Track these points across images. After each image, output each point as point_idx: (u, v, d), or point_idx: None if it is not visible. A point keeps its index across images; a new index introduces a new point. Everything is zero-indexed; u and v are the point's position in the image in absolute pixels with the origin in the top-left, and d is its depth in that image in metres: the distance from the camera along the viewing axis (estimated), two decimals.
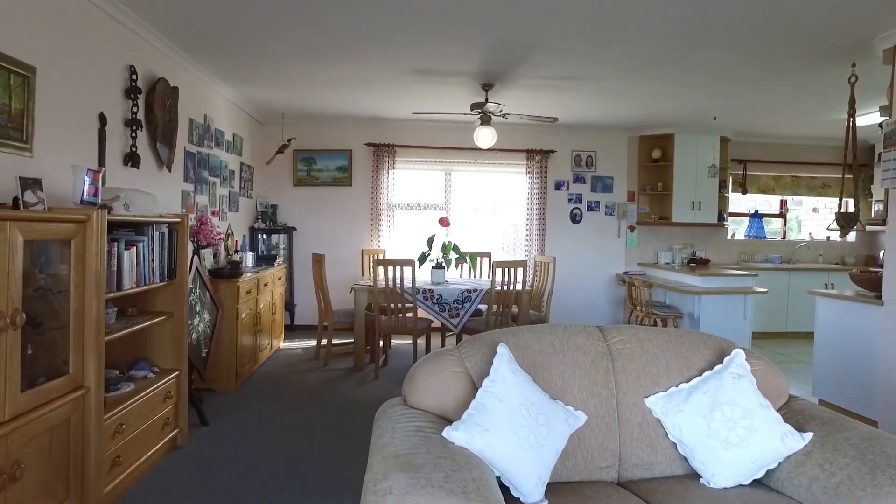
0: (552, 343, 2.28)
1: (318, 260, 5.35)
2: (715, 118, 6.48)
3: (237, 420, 3.85)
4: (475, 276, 6.42)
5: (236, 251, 5.32)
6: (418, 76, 4.90)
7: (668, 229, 7.61)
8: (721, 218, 7.47)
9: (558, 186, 7.36)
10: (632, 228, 7.54)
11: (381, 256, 6.81)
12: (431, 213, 7.23)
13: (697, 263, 7.34)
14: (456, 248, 5.60)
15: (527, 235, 7.26)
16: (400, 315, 5.03)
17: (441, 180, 7.24)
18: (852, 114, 4.39)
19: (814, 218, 8.36)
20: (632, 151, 7.52)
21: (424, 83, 5.14)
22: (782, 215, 8.24)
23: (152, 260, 2.91)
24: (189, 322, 3.57)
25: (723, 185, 7.40)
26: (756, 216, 8.00)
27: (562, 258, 7.35)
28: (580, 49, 4.14)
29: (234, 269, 4.51)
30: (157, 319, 3.01)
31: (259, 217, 6.66)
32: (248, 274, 4.77)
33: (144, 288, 2.82)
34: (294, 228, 6.93)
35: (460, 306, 5.13)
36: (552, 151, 7.23)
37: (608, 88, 5.24)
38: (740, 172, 7.70)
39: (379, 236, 6.98)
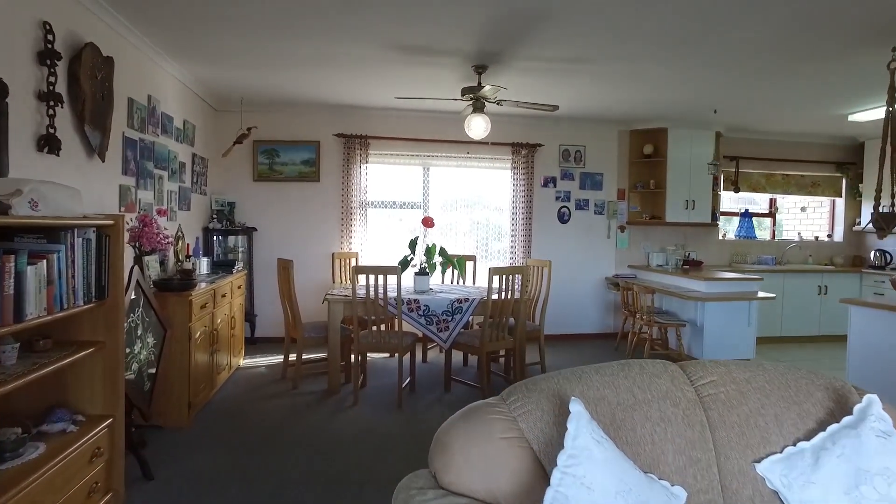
0: (631, 390, 1.70)
1: (285, 267, 4.64)
2: (715, 111, 6.05)
3: (190, 469, 3.12)
4: (462, 283, 5.81)
5: (188, 257, 4.55)
6: (401, 54, 4.25)
7: (659, 229, 7.18)
8: (714, 217, 7.09)
9: (546, 183, 6.82)
10: (622, 228, 7.08)
11: (354, 261, 6.12)
12: (409, 212, 6.58)
13: (690, 266, 6.93)
14: (443, 252, 4.97)
15: (512, 236, 6.69)
16: (382, 329, 4.37)
17: (419, 176, 6.60)
18: (893, 104, 3.97)
19: (800, 217, 8.09)
20: (622, 146, 7.05)
21: (407, 63, 4.49)
22: (771, 214, 7.94)
23: (72, 276, 2.17)
24: (128, 351, 2.82)
25: (714, 183, 7.02)
26: (746, 215, 7.66)
27: (551, 259, 6.83)
28: (593, 23, 3.57)
29: (186, 280, 3.76)
30: (82, 353, 2.28)
31: (214, 216, 5.87)
32: (203, 284, 4.02)
33: (61, 314, 2.09)
34: (254, 229, 6.15)
35: (450, 318, 4.51)
36: (539, 145, 6.69)
37: (612, 73, 4.70)
38: (732, 170, 7.33)
39: (350, 238, 6.28)
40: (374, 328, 4.38)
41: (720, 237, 7.48)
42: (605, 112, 6.38)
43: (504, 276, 4.36)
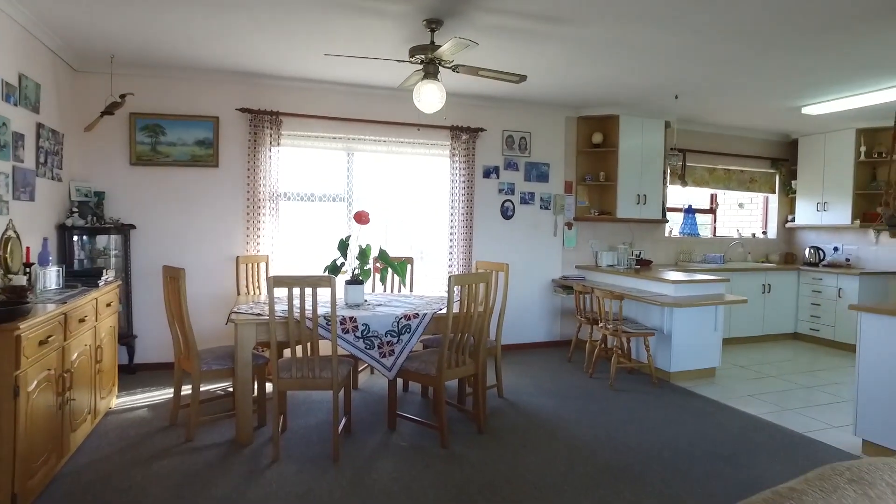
0: None
1: (174, 277, 3.45)
2: (676, 97, 5.51)
3: None
4: (400, 292, 4.85)
5: (27, 266, 3.24)
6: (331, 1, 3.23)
7: (607, 226, 6.60)
8: (664, 213, 6.62)
9: (488, 174, 6.00)
10: (569, 225, 6.42)
11: (264, 266, 4.96)
12: (330, 205, 5.50)
13: (641, 265, 6.41)
14: (383, 255, 3.99)
15: (451, 234, 5.81)
16: (311, 357, 3.32)
17: (342, 163, 5.53)
18: None
19: (739, 214, 7.88)
20: (570, 134, 6.39)
21: (339, 12, 3.46)
22: (713, 211, 7.64)
23: None
24: None
25: (663, 177, 6.55)
26: (690, 211, 7.29)
27: (492, 259, 6.02)
28: None
29: (15, 303, 2.53)
30: None
31: (75, 210, 4.48)
32: (50, 307, 2.78)
33: None
34: (132, 227, 4.82)
35: (395, 340, 3.54)
36: (481, 130, 5.85)
37: (581, 39, 3.93)
38: (679, 163, 6.91)
39: (259, 237, 5.11)
40: (302, 354, 3.32)
41: (666, 234, 7.05)
42: (553, 95, 5.67)
43: (467, 287, 3.46)
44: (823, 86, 5.10)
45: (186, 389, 3.79)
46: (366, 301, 4.00)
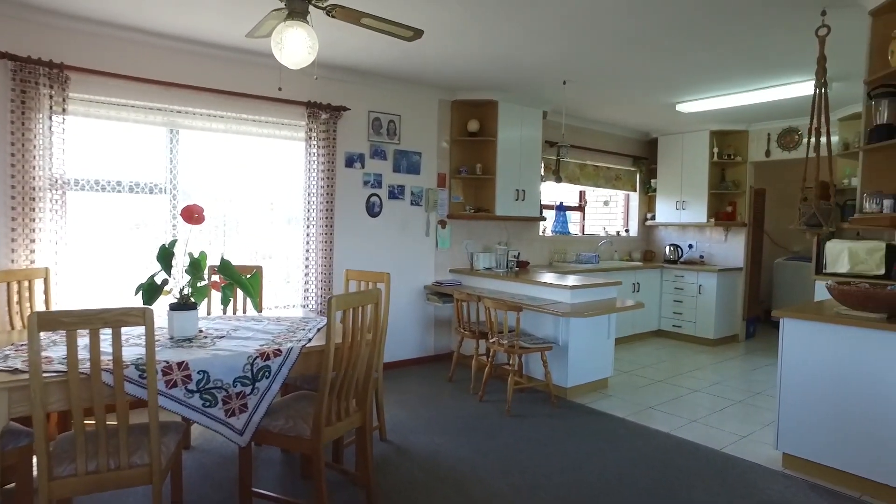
0: None
1: None
2: (565, 83, 5.02)
3: None
4: (245, 312, 3.71)
5: None
6: None
7: (481, 225, 5.99)
8: (541, 210, 6.18)
9: (351, 162, 5.02)
10: (443, 224, 5.68)
11: (42, 285, 3.48)
12: (146, 198, 4.11)
13: (520, 267, 5.90)
14: (226, 268, 2.84)
15: (307, 234, 4.74)
16: (112, 431, 2.11)
17: (163, 142, 4.18)
18: (823, 78, 3.25)
19: (606, 212, 7.79)
20: (443, 120, 5.64)
21: None
22: (581, 208, 7.44)
23: None
24: None
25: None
26: (561, 209, 6.98)
27: (357, 264, 5.07)
28: None
29: None
30: None
31: None
32: None
33: None
34: None
35: (249, 390, 2.46)
36: (344, 109, 4.84)
37: None
38: (553, 157, 6.53)
39: (31, 243, 3.59)
40: (96, 427, 2.10)
41: (540, 233, 6.64)
42: (427, 73, 4.88)
43: (351, 310, 2.49)
44: (703, 84, 4.96)
45: None
46: (201, 333, 2.83)
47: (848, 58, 4.15)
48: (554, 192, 6.89)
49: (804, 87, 4.87)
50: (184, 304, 2.73)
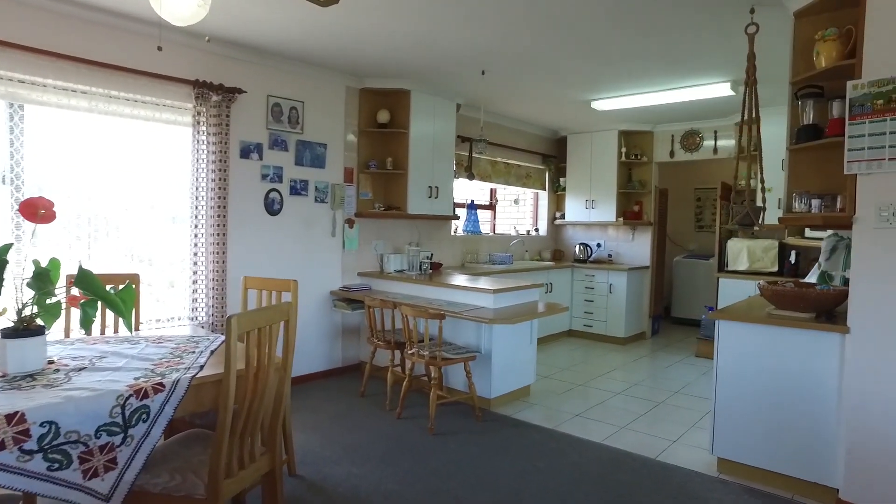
0: None
1: None
2: (484, 73, 4.71)
3: None
4: (116, 332, 3.03)
5: None
6: None
7: (393, 224, 5.56)
8: (454, 209, 5.87)
9: (247, 152, 4.40)
10: (350, 223, 5.19)
11: None
12: None
13: (433, 269, 5.56)
14: (87, 279, 2.20)
15: (194, 235, 4.07)
16: None
17: (1, 120, 3.34)
18: (753, 76, 3.16)
19: (507, 210, 7.64)
20: (351, 109, 5.15)
21: None
22: (492, 207, 7.22)
23: None
24: None
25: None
26: (472, 207, 6.72)
27: (254, 269, 4.48)
28: None
29: None
30: None
31: None
32: None
33: None
34: None
35: (119, 439, 1.88)
36: (239, 92, 4.22)
37: None
38: (465, 153, 6.24)
39: None
40: None
41: (452, 232, 6.32)
42: (334, 56, 4.40)
43: (255, 331, 1.99)
44: (620, 81, 4.88)
45: None
46: (51, 366, 2.18)
47: (762, 60, 4.19)
48: (465, 189, 6.61)
49: (716, 89, 4.93)
50: (24, 329, 2.07)
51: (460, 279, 4.87)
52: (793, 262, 5.56)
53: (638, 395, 4.67)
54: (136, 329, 2.95)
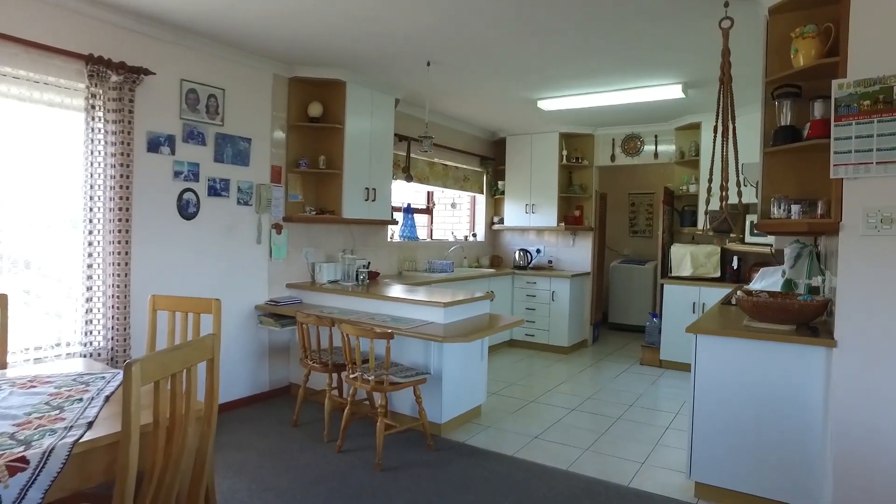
0: None
1: None
2: (429, 63, 4.30)
3: None
4: None
5: None
6: None
7: (325, 229, 5.04)
8: (392, 213, 5.42)
9: (156, 145, 3.75)
10: (278, 228, 4.62)
11: None
12: None
13: (370, 279, 5.09)
14: None
15: (87, 243, 3.38)
16: None
17: None
18: (728, 73, 2.94)
19: (441, 215, 7.27)
20: (279, 100, 4.58)
21: None
22: (429, 211, 6.82)
23: None
24: None
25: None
26: (409, 211, 6.28)
27: (165, 284, 3.85)
28: None
29: None
30: None
31: None
32: None
33: None
34: None
35: None
36: (146, 73, 3.56)
37: None
38: (402, 153, 5.80)
39: None
40: None
41: (389, 238, 5.86)
42: (261, 39, 3.85)
43: (168, 378, 1.47)
44: (569, 78, 4.63)
45: None
46: None
47: (706, 61, 4.05)
48: (402, 192, 6.18)
49: (668, 91, 4.79)
50: None
51: (402, 290, 4.43)
52: (735, 267, 5.54)
53: (593, 410, 4.42)
54: (2, 366, 2.29)
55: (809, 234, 3.20)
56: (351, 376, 3.43)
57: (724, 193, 2.91)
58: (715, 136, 3.05)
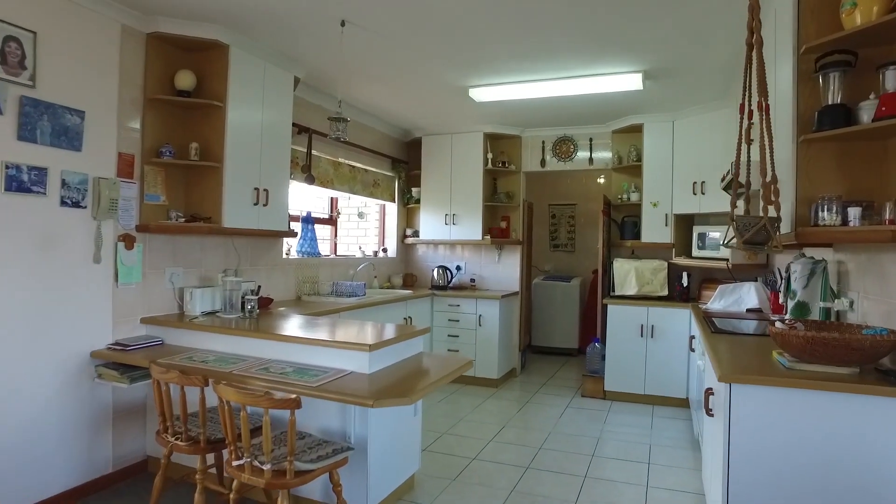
0: None
1: None
2: (343, 23, 3.25)
3: None
4: None
5: None
6: None
7: (199, 243, 3.78)
8: (289, 222, 4.26)
9: None
10: (129, 241, 3.31)
11: None
12: None
13: (261, 308, 3.90)
14: None
15: None
16: None
17: None
18: (758, 35, 2.21)
19: (348, 226, 6.17)
20: (132, 61, 3.29)
21: None
22: (333, 221, 5.69)
23: None
24: None
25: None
26: (309, 220, 5.12)
27: None
28: None
29: None
30: None
31: None
32: None
33: None
34: None
35: None
36: None
37: None
38: (303, 149, 4.67)
39: None
40: None
41: (284, 254, 4.66)
42: None
43: None
44: (512, 61, 3.81)
45: None
46: None
47: (678, 40, 3.40)
48: (299, 198, 5.02)
49: (625, 81, 4.11)
50: None
51: (305, 323, 3.31)
52: (685, 284, 4.99)
53: (553, 468, 3.54)
54: None
55: (893, 241, 2.44)
56: (235, 464, 2.27)
57: (769, 193, 2.15)
58: (741, 117, 2.31)
